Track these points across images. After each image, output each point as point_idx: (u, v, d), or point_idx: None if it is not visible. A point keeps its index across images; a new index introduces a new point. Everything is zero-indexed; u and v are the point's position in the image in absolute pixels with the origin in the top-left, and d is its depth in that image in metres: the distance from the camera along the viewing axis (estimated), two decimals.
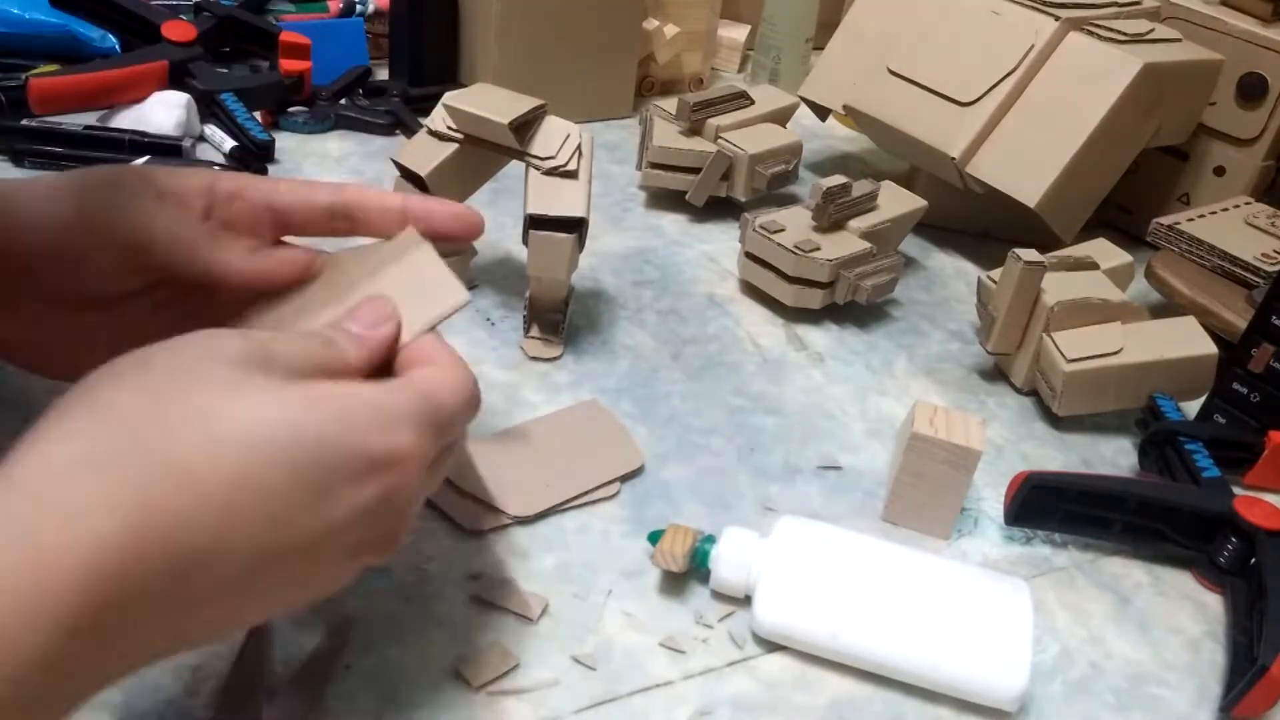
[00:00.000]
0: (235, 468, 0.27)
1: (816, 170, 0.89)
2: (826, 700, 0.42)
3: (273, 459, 0.27)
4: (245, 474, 0.27)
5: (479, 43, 0.85)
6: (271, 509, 0.27)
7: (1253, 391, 0.58)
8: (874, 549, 0.46)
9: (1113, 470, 0.59)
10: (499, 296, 0.65)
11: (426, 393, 0.33)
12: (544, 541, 0.47)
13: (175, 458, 0.26)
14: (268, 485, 0.27)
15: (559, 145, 0.57)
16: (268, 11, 0.91)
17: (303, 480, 0.28)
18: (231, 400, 0.28)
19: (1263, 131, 0.77)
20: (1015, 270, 0.59)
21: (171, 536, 0.26)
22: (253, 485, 0.27)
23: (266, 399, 0.28)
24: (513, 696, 0.40)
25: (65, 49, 0.80)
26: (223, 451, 0.27)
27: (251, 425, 0.27)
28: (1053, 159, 0.70)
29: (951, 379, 0.64)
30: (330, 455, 0.28)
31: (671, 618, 0.45)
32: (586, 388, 0.58)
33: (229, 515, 0.27)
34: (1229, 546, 0.50)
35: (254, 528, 0.27)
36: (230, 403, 0.27)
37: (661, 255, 0.73)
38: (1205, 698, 0.45)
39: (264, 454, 0.27)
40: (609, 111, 0.92)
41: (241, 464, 0.27)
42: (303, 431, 0.28)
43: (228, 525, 0.27)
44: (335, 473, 0.29)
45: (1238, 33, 0.77)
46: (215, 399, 0.27)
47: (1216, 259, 0.69)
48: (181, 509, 0.26)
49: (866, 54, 0.80)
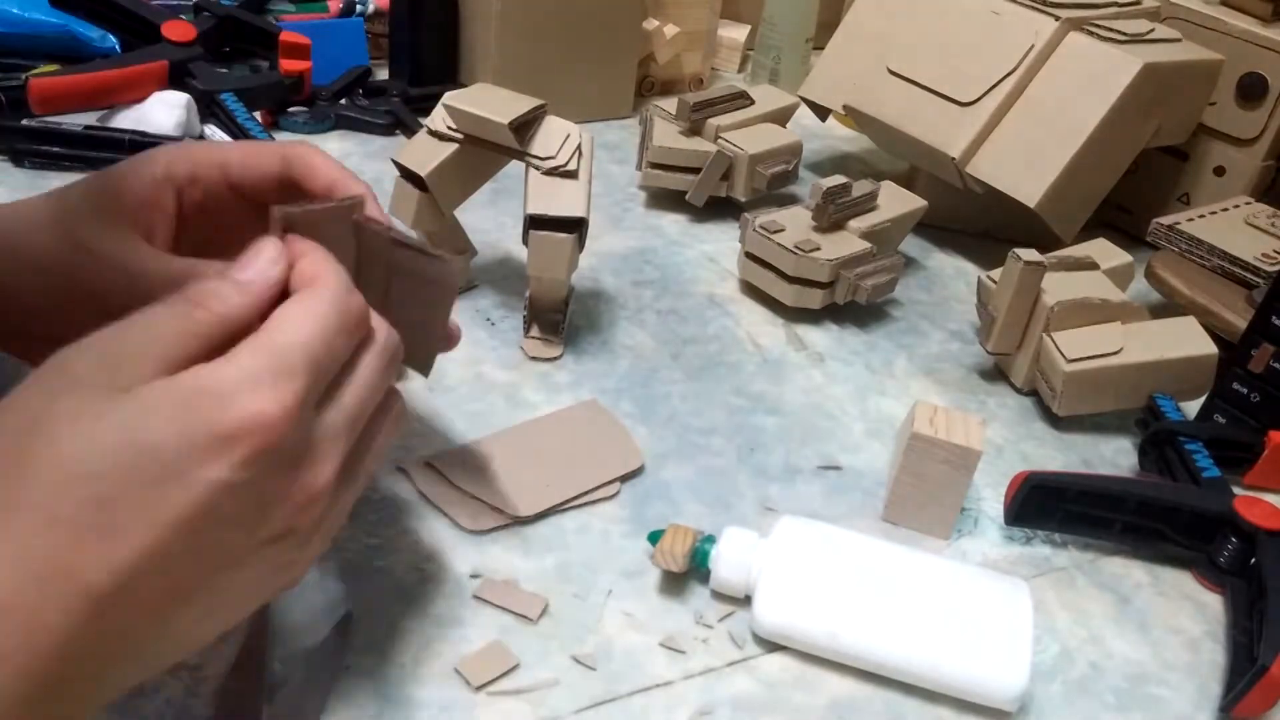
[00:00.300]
0: (93, 495, 0.27)
1: (816, 170, 0.89)
2: (826, 700, 0.42)
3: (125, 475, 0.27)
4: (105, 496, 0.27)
5: (479, 43, 0.85)
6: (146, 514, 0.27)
7: (1253, 391, 0.58)
8: (874, 549, 0.46)
9: (1113, 470, 0.59)
10: (499, 296, 0.65)
11: (268, 343, 0.31)
12: (544, 541, 0.47)
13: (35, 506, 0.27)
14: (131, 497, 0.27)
15: (559, 145, 0.57)
16: (268, 11, 0.91)
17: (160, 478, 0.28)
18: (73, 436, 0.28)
19: (1263, 131, 0.77)
20: (1015, 270, 0.59)
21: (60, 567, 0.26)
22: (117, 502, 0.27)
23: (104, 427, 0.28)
24: (513, 696, 0.40)
25: (65, 49, 0.80)
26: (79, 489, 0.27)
27: (96, 455, 0.27)
28: (1053, 159, 0.70)
29: (951, 379, 0.64)
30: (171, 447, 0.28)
31: (671, 618, 0.45)
32: (586, 388, 0.58)
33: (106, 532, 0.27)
34: (1229, 546, 0.50)
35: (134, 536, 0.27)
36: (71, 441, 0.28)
37: (661, 255, 0.73)
38: (1205, 698, 0.45)
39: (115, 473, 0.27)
40: (609, 111, 0.92)
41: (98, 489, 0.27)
42: (144, 442, 0.28)
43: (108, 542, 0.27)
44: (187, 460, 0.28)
45: (1238, 33, 0.77)
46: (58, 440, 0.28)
47: (1216, 259, 0.69)
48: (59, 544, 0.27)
49: (866, 54, 0.80)
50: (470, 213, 0.68)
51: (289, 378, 0.30)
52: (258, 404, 0.29)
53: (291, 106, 0.81)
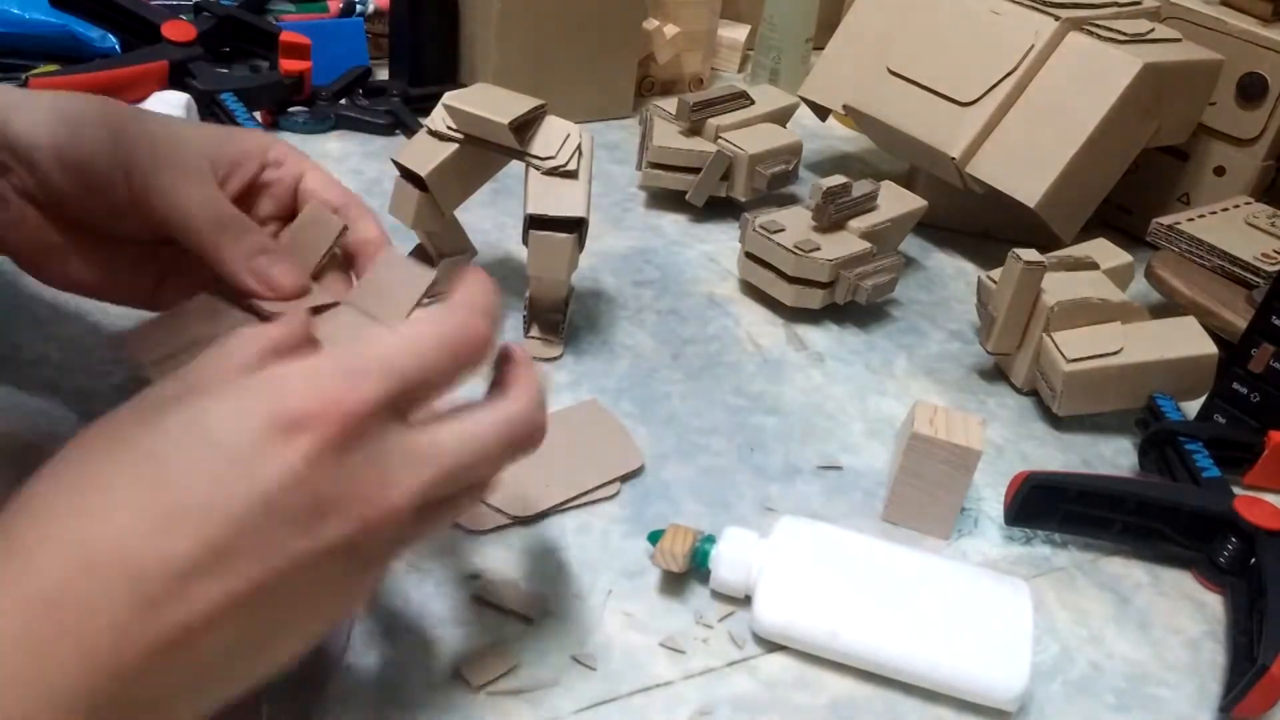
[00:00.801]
0: (152, 477, 0.27)
1: (816, 170, 0.89)
2: (826, 700, 0.42)
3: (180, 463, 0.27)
4: (164, 479, 0.27)
5: (479, 43, 0.85)
6: (201, 498, 0.27)
7: (1253, 391, 0.58)
8: (874, 549, 0.46)
9: (1113, 470, 0.59)
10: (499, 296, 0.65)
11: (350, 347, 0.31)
12: (544, 541, 0.47)
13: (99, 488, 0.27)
14: (191, 478, 0.27)
15: (559, 145, 0.57)
16: (268, 11, 0.91)
17: (217, 458, 0.27)
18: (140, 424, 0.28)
19: (1263, 131, 0.77)
20: (1015, 270, 0.59)
21: (112, 552, 0.26)
22: (175, 484, 0.27)
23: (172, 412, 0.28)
24: (513, 696, 0.40)
25: (65, 49, 0.80)
26: (141, 469, 0.27)
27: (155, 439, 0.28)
28: (1053, 159, 0.70)
29: (951, 379, 0.64)
30: (232, 434, 0.28)
31: (671, 618, 0.45)
32: (586, 388, 0.58)
33: (159, 516, 0.27)
34: (1229, 546, 0.50)
35: (187, 523, 0.27)
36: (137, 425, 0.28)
37: (661, 255, 0.73)
38: (1205, 698, 0.45)
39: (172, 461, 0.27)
40: (609, 111, 0.92)
41: (158, 472, 0.27)
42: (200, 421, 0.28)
43: (162, 533, 0.26)
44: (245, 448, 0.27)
45: (1238, 33, 0.77)
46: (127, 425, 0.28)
47: (1216, 259, 0.69)
48: (119, 528, 0.26)
49: (866, 54, 0.80)
50: (470, 213, 0.68)
51: (363, 376, 0.29)
52: (326, 392, 0.28)
53: (291, 106, 0.81)
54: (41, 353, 0.52)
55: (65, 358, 0.52)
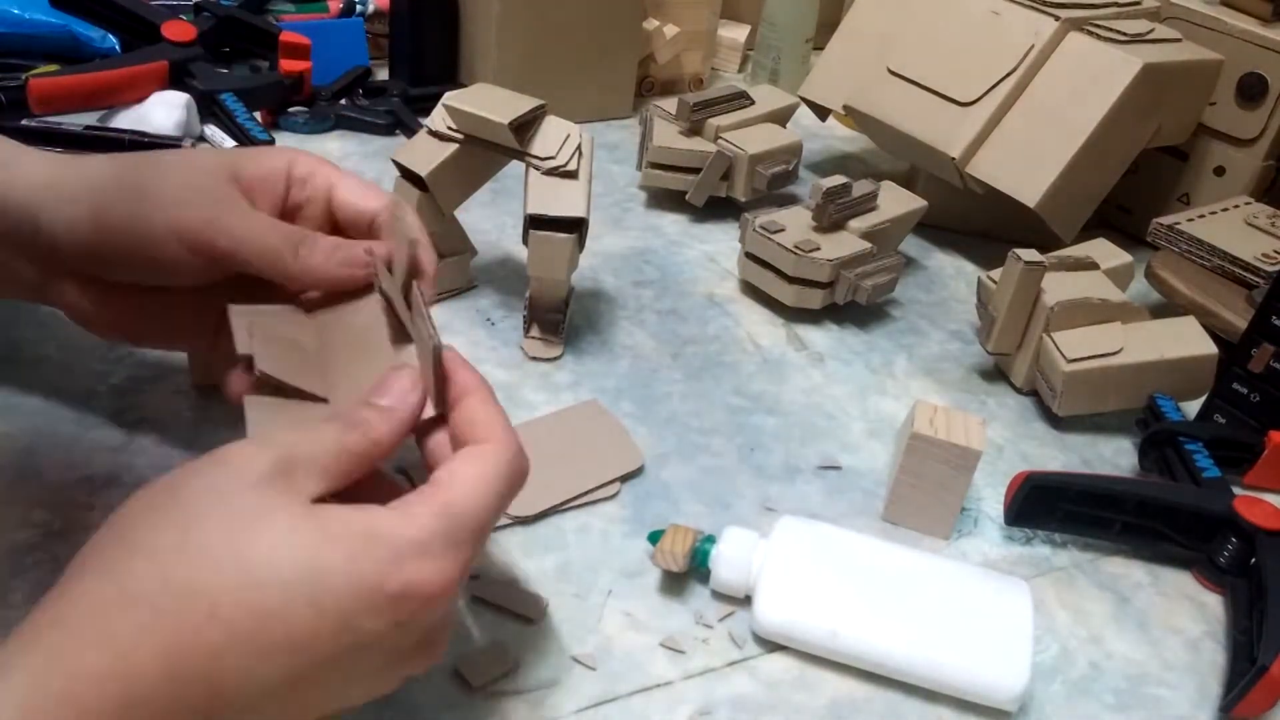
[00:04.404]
0: (258, 606, 0.28)
1: (816, 170, 0.89)
2: (826, 700, 0.42)
3: (294, 598, 0.29)
4: (269, 611, 0.28)
5: (479, 43, 0.85)
6: (295, 640, 0.29)
7: (1253, 391, 0.58)
8: (874, 549, 0.46)
9: (1113, 470, 0.59)
10: (499, 296, 0.65)
11: (445, 508, 0.32)
12: (544, 541, 0.47)
13: (203, 596, 0.28)
14: (290, 620, 0.29)
15: (559, 145, 0.57)
16: (268, 11, 0.91)
17: (323, 614, 0.29)
18: (253, 536, 0.29)
19: (1263, 131, 0.77)
20: (1015, 270, 0.59)
21: (202, 668, 0.27)
22: (277, 621, 0.28)
23: (287, 538, 0.29)
24: (513, 696, 0.40)
25: (65, 49, 0.80)
26: (248, 594, 0.28)
27: (273, 565, 0.29)
28: (1053, 159, 0.70)
29: (951, 379, 0.64)
30: (347, 593, 0.29)
31: (671, 618, 0.45)
32: (586, 388, 0.58)
33: (255, 648, 0.28)
34: (1229, 546, 0.50)
35: (280, 657, 0.28)
36: (252, 540, 0.29)
37: (661, 255, 0.73)
38: (1205, 698, 0.45)
39: (286, 593, 0.29)
40: (609, 111, 0.92)
41: (264, 601, 0.28)
42: (320, 572, 0.29)
43: (255, 657, 0.28)
44: (353, 607, 0.29)
45: (1238, 33, 0.77)
46: (239, 534, 0.29)
47: (1216, 259, 0.69)
48: (211, 644, 0.28)
49: (866, 54, 0.80)
50: (470, 213, 0.68)
51: (458, 548, 0.32)
52: (427, 573, 0.31)
53: (291, 106, 0.81)
54: (41, 353, 0.52)
55: (65, 358, 0.52)
